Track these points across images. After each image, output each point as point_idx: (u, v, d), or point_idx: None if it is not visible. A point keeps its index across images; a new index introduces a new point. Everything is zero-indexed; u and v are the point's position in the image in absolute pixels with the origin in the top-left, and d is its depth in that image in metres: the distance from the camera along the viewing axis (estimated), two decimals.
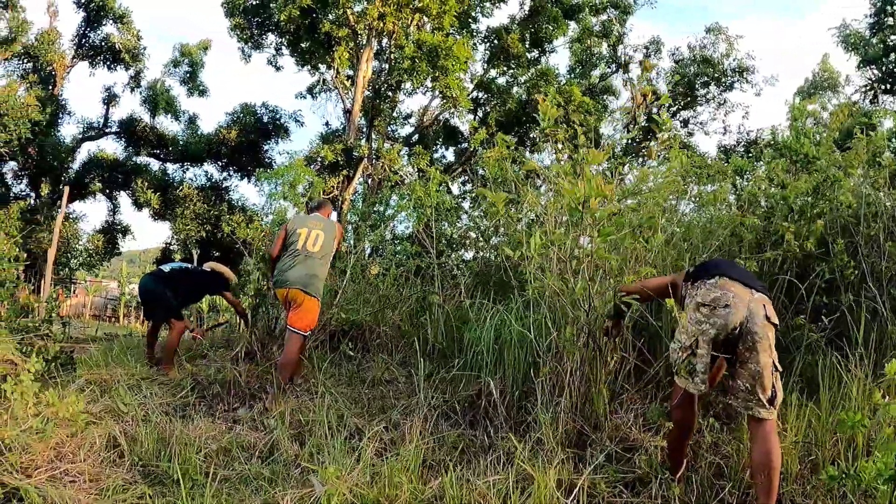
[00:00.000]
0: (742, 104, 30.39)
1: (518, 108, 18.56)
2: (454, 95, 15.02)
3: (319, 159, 15.92)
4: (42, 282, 11.27)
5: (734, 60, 22.46)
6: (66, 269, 22.38)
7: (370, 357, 6.70)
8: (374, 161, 16.42)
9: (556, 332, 4.45)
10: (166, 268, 7.24)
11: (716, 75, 22.47)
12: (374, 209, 9.52)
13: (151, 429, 4.29)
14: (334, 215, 6.40)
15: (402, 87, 16.72)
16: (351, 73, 19.10)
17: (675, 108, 23.19)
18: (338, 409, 5.02)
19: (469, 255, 8.58)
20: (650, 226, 4.35)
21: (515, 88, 19.22)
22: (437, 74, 14.73)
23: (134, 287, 36.15)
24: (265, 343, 6.73)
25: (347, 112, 17.88)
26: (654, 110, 22.43)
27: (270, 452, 4.26)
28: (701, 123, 23.80)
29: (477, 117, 18.75)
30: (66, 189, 11.42)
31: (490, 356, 5.06)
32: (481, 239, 8.07)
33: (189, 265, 7.65)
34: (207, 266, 7.40)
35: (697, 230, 5.57)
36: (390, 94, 16.92)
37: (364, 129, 18.10)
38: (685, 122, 23.98)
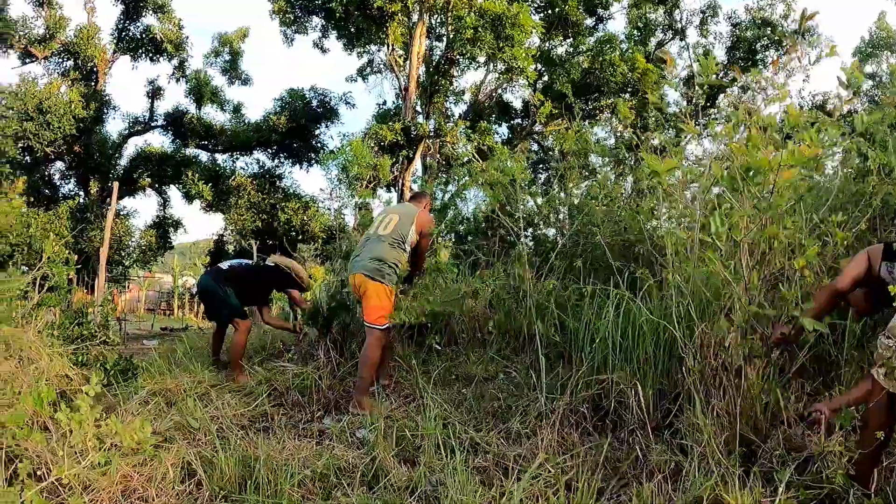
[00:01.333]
0: (803, 67, 28.73)
1: (581, 77, 17.47)
2: (521, 67, 14.09)
3: (376, 140, 15.25)
4: (96, 282, 10.90)
5: (793, 21, 21.32)
6: (120, 267, 22.35)
7: (459, 351, 6.00)
8: (433, 140, 15.65)
9: (704, 323, 3.65)
10: (225, 265, 6.65)
11: (776, 38, 21.10)
12: (442, 187, 8.74)
13: (231, 451, 3.64)
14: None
15: (460, 62, 15.83)
16: (402, 52, 18.35)
17: (733, 74, 21.86)
18: (442, 416, 4.31)
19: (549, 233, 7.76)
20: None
21: (578, 57, 18.10)
22: (501, 45, 13.82)
23: (187, 280, 36.69)
24: (345, 340, 6.08)
25: (404, 90, 17.11)
26: (720, 74, 21.10)
27: (376, 477, 3.56)
28: (763, 89, 22.38)
29: (536, 90, 17.72)
30: (116, 185, 10.98)
31: (616, 350, 4.29)
32: (567, 216, 7.23)
33: (250, 261, 7.08)
34: (271, 261, 6.75)
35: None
36: (446, 68, 16.04)
37: (421, 108, 17.36)
38: (744, 89, 22.57)
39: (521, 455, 3.72)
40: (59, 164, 23.00)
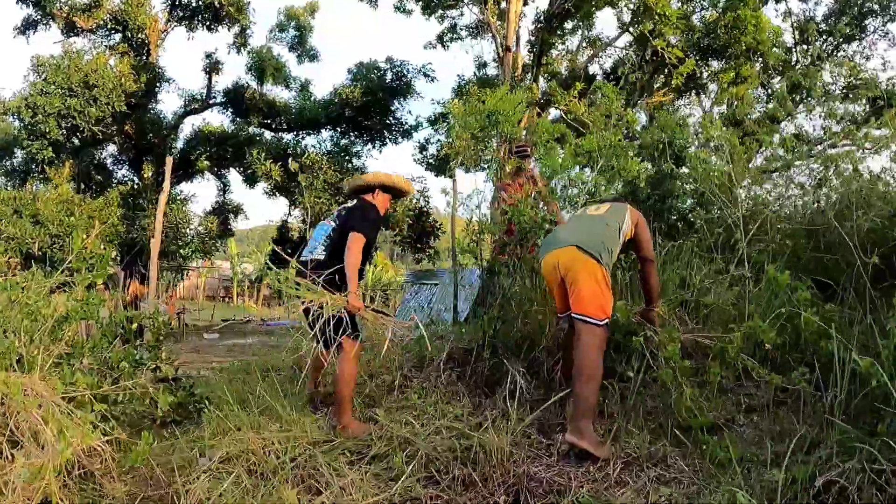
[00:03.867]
0: None
1: (704, 34, 15.07)
2: (663, 12, 11.86)
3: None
4: (146, 278, 9.30)
5: None
6: (178, 257, 21.07)
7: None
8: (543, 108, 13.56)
9: None
10: (311, 252, 4.55)
11: (885, 3, 18.71)
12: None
13: None
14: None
15: (573, 13, 13.60)
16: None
17: (837, 41, 19.35)
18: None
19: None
20: None
21: (705, 12, 15.58)
22: None
23: (246, 267, 35.74)
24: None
25: (508, 50, 14.99)
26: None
27: None
28: (866, 58, 19.99)
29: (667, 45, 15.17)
30: (169, 164, 9.32)
31: None
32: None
33: (332, 222, 4.70)
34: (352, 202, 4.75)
35: None
36: (557, 23, 13.86)
37: (528, 70, 15.30)
38: (849, 59, 19.95)
39: None
40: (112, 148, 21.86)
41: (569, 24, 14.65)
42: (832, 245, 4.59)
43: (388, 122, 21.11)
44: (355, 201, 4.68)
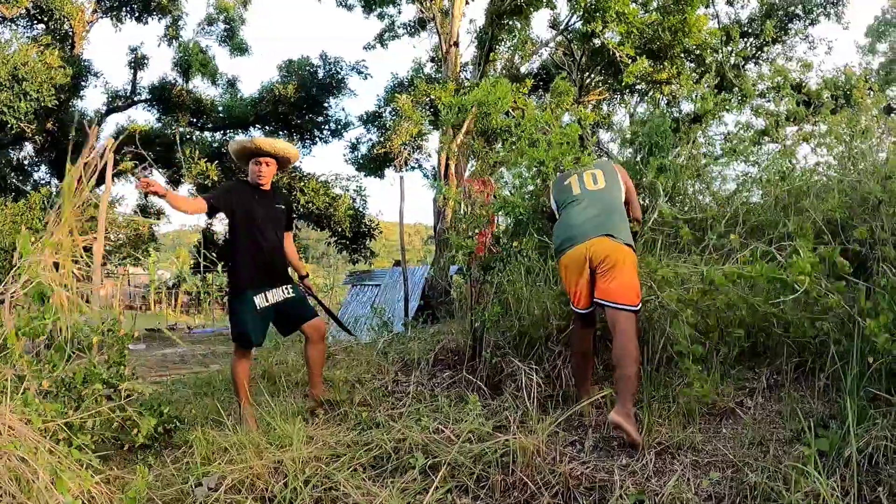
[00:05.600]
0: (825, 39, 27.33)
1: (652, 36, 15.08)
2: (622, 10, 11.78)
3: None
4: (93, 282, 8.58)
5: None
6: (107, 263, 19.91)
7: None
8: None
9: None
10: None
11: (807, 7, 19.39)
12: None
13: None
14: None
15: (524, 9, 13.39)
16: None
17: (760, 44, 20.08)
18: None
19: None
20: None
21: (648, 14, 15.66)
22: None
23: (163, 273, 34.21)
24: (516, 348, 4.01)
25: (455, 45, 14.70)
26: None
27: None
28: (788, 59, 20.76)
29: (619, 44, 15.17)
30: (111, 159, 8.60)
31: None
32: None
33: None
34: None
35: None
36: (506, 20, 13.63)
37: (472, 67, 15.09)
38: (770, 61, 20.66)
39: None
40: (29, 148, 20.48)
41: (518, 23, 14.49)
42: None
43: (319, 120, 20.54)
44: None
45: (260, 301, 4.33)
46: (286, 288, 4.48)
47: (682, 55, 15.07)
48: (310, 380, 4.52)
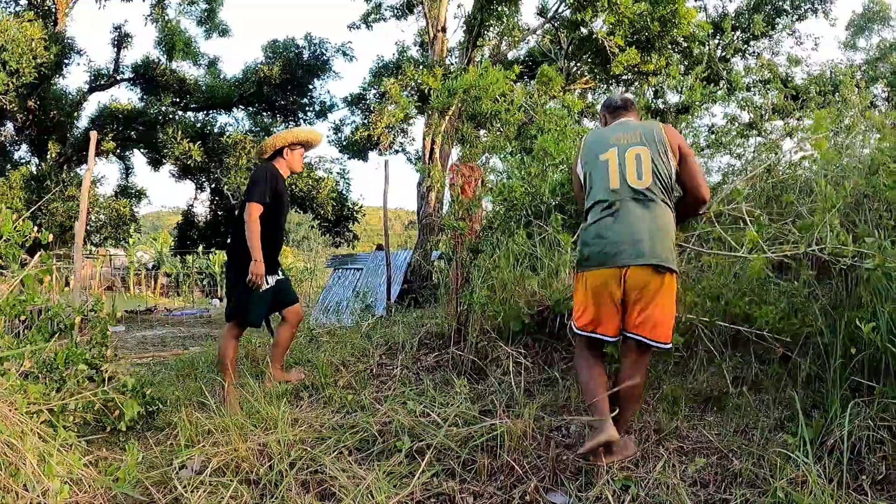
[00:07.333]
0: (811, 35, 27.62)
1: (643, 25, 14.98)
2: (615, 1, 11.68)
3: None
4: (71, 267, 8.42)
5: None
6: (88, 243, 19.68)
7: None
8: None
9: None
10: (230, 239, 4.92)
11: (796, 3, 19.48)
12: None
13: None
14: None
15: None
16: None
17: (747, 37, 20.14)
18: None
19: None
20: None
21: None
22: None
23: (142, 255, 33.93)
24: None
25: (443, 30, 14.58)
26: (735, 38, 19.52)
27: None
28: (775, 53, 20.83)
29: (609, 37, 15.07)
30: (94, 138, 8.47)
31: None
32: None
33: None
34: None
35: None
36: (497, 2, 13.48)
37: (458, 52, 15.00)
38: (757, 55, 20.72)
39: None
40: (10, 126, 20.10)
41: (506, 9, 14.35)
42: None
43: (303, 102, 20.38)
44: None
45: (269, 282, 4.46)
46: (281, 270, 4.70)
47: (670, 46, 15.05)
48: (273, 357, 4.68)
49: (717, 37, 17.46)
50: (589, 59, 16.27)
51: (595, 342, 3.17)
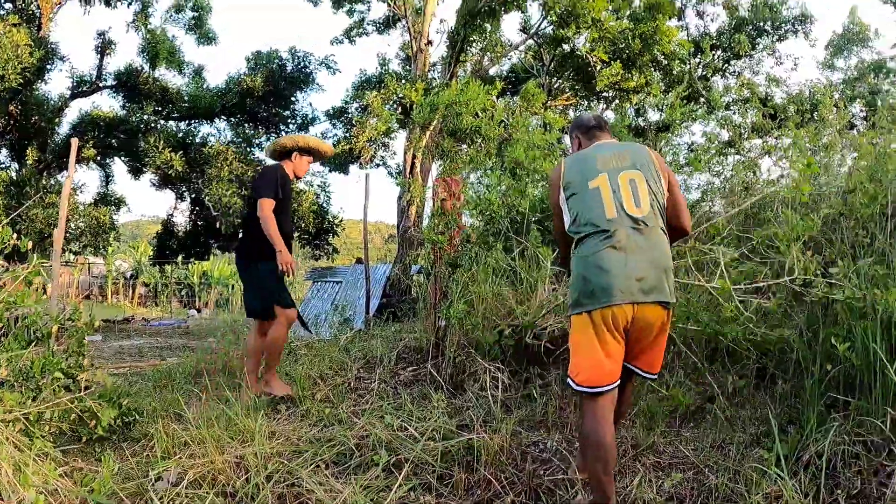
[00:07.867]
0: (791, 55, 28.19)
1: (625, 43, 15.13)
2: (597, 17, 11.77)
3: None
4: (49, 276, 8.31)
5: (794, 8, 19.99)
6: (67, 252, 19.39)
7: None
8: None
9: None
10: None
11: (777, 24, 19.78)
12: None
13: None
14: None
15: (498, 11, 13.33)
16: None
17: (727, 57, 20.43)
18: None
19: None
20: None
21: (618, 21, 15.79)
22: None
23: (120, 263, 33.55)
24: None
25: (430, 44, 14.64)
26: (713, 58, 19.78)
27: None
28: (755, 73, 21.16)
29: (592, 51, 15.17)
30: (75, 144, 8.40)
31: None
32: None
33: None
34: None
35: None
36: (482, 19, 13.56)
37: (441, 66, 15.03)
38: (737, 74, 21.04)
39: None
40: None
41: (489, 25, 14.48)
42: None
43: (285, 114, 20.35)
44: None
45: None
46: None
47: (651, 64, 15.22)
48: (267, 366, 4.65)
49: (698, 56, 17.69)
50: (571, 76, 16.43)
51: (607, 394, 2.75)
